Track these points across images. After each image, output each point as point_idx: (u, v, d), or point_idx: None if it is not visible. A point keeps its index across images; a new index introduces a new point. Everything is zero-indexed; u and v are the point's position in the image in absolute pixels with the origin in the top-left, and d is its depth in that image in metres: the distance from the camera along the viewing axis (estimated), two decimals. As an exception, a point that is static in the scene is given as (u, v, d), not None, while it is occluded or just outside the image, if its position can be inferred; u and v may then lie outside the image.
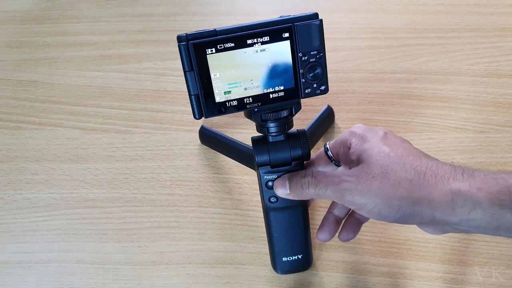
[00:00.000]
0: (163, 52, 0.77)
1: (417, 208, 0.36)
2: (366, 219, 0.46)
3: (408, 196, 0.37)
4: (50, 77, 0.75)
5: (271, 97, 0.42)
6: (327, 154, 0.45)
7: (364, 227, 0.56)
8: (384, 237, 0.56)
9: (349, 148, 0.42)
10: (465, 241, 0.54)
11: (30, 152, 0.67)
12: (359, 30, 0.77)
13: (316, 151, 0.62)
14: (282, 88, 0.42)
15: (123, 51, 0.78)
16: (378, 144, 0.40)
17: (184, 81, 0.41)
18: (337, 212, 0.47)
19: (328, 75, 0.43)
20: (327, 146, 0.45)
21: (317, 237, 0.47)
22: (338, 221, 0.47)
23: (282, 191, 0.43)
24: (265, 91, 0.42)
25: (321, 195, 0.40)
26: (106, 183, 0.63)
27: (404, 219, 0.37)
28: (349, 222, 0.46)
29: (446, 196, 0.36)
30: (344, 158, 0.44)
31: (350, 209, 0.46)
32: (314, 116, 0.62)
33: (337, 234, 0.47)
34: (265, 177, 0.45)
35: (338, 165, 0.45)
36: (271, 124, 0.44)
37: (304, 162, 0.46)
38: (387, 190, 0.37)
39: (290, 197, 0.43)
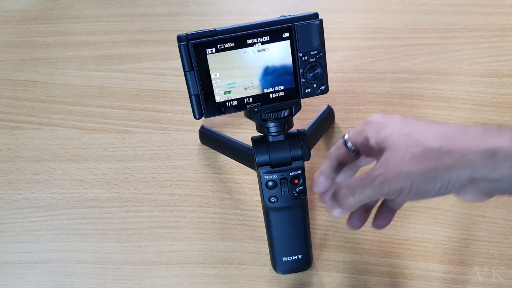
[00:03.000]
0: (163, 52, 0.77)
1: (453, 173, 0.35)
2: (399, 206, 0.45)
3: (440, 164, 0.35)
4: (50, 77, 0.75)
5: (271, 97, 0.42)
6: (346, 145, 0.44)
7: (364, 227, 0.56)
8: (384, 237, 0.56)
9: (368, 139, 0.41)
10: (465, 241, 0.54)
11: (30, 152, 0.67)
12: (359, 30, 0.76)
13: (316, 151, 0.62)
14: (282, 88, 0.42)
15: (123, 51, 0.78)
16: (397, 128, 0.39)
17: (184, 81, 0.41)
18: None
19: (328, 75, 0.43)
20: (346, 137, 0.44)
21: (348, 225, 0.45)
22: (367, 209, 0.45)
23: (337, 211, 0.42)
24: (265, 91, 0.42)
25: (363, 199, 0.39)
26: (106, 183, 0.63)
27: (443, 189, 0.36)
28: (382, 211, 0.45)
29: (483, 153, 0.34)
30: (364, 148, 0.42)
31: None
32: (314, 116, 0.62)
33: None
34: (265, 177, 0.45)
35: (358, 156, 0.44)
36: (271, 124, 0.44)
37: (309, 157, 0.45)
38: (417, 165, 0.36)
39: (345, 213, 0.42)
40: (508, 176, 0.34)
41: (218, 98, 0.42)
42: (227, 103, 0.42)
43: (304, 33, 0.41)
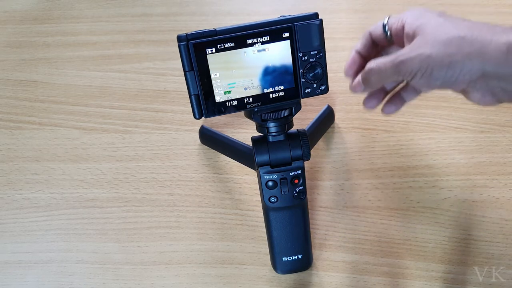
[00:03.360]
0: (163, 52, 0.77)
1: (467, 62, 0.36)
2: (411, 97, 0.46)
3: (458, 51, 0.36)
4: (50, 77, 0.75)
5: (271, 97, 0.42)
6: (383, 28, 0.44)
7: (364, 227, 0.56)
8: (384, 237, 0.56)
9: (404, 25, 0.42)
10: (465, 241, 0.54)
11: (30, 152, 0.67)
12: (359, 30, 0.76)
13: (316, 151, 0.62)
14: (282, 88, 0.42)
15: (123, 51, 0.78)
16: (434, 18, 0.40)
17: (184, 81, 0.41)
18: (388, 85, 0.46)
19: (328, 75, 0.43)
20: (385, 20, 0.44)
21: (364, 104, 0.46)
22: (385, 92, 0.46)
23: (359, 88, 0.42)
24: (265, 91, 0.42)
25: (385, 77, 0.40)
26: (106, 183, 0.63)
27: (454, 78, 0.37)
28: (394, 97, 0.46)
29: (500, 46, 0.35)
30: (397, 35, 0.43)
31: (398, 84, 0.46)
32: (314, 116, 0.62)
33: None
34: (265, 177, 0.45)
35: (391, 43, 0.44)
36: (271, 124, 0.44)
37: (309, 157, 0.45)
38: (437, 49, 0.37)
39: (368, 90, 0.43)
40: None
41: (218, 98, 0.42)
42: (227, 103, 0.42)
43: (304, 33, 0.41)
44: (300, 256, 0.51)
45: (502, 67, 0.35)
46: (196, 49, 0.40)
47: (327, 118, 0.64)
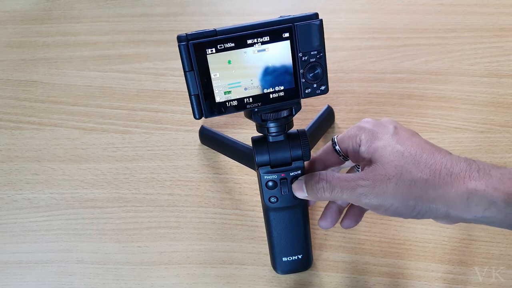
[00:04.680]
0: (163, 52, 0.77)
1: (433, 206, 0.37)
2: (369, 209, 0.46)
3: (424, 195, 0.37)
4: (50, 77, 0.75)
5: (271, 97, 0.42)
6: (334, 149, 0.45)
7: (364, 227, 0.56)
8: (384, 237, 0.56)
9: (359, 145, 0.42)
10: (465, 241, 0.54)
11: (30, 152, 0.67)
12: (359, 30, 0.76)
13: (316, 151, 0.62)
14: (282, 88, 0.42)
15: (123, 51, 0.78)
16: (390, 142, 0.40)
17: (184, 81, 0.41)
18: (340, 202, 0.47)
19: (328, 75, 0.43)
20: (335, 140, 0.45)
21: (319, 225, 0.47)
22: (340, 210, 0.47)
23: (300, 193, 0.44)
24: (265, 91, 0.42)
25: (337, 198, 0.41)
26: (106, 183, 0.63)
27: (419, 216, 0.38)
28: (351, 211, 0.46)
29: (461, 195, 0.36)
30: (353, 154, 0.44)
31: None
32: (314, 116, 0.62)
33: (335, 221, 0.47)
34: (265, 177, 0.45)
35: (346, 159, 0.45)
36: (271, 124, 0.44)
37: (309, 158, 0.46)
38: (402, 191, 0.38)
39: (309, 199, 0.45)
40: (481, 217, 0.36)
41: (218, 98, 0.42)
42: (227, 103, 0.42)
43: (304, 33, 0.41)
44: (300, 256, 0.51)
45: (465, 214, 0.36)
46: (196, 49, 0.39)
47: (327, 118, 0.64)
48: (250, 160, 0.58)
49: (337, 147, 0.44)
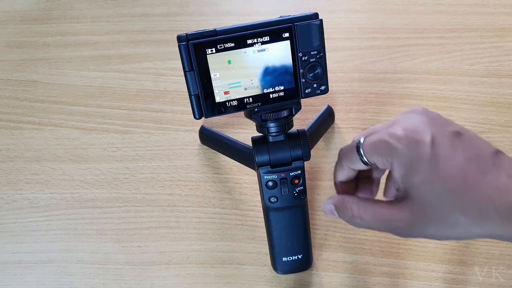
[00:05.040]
0: (163, 52, 0.77)
1: (473, 234, 0.34)
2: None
3: (465, 234, 0.34)
4: (50, 77, 0.75)
5: (271, 97, 0.42)
6: (361, 160, 0.38)
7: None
8: (384, 237, 0.55)
9: (391, 169, 0.36)
10: (465, 241, 0.54)
11: (30, 152, 0.67)
12: (359, 30, 0.76)
13: (316, 151, 0.62)
14: (282, 88, 0.42)
15: (123, 51, 0.78)
16: (428, 177, 0.33)
17: (184, 81, 0.41)
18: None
19: (328, 75, 0.43)
20: (362, 151, 0.37)
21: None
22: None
23: (332, 216, 0.41)
24: (265, 91, 0.42)
25: (370, 229, 0.38)
26: (106, 183, 0.63)
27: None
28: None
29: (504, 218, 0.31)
30: (383, 170, 0.40)
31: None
32: (314, 116, 0.62)
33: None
34: (265, 177, 0.45)
35: (369, 165, 0.40)
36: (271, 124, 0.44)
37: (309, 158, 0.45)
38: (442, 233, 0.34)
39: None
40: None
41: (218, 98, 0.42)
42: (227, 103, 0.42)
43: (304, 33, 0.41)
44: (300, 256, 0.51)
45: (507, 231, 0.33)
46: (196, 49, 0.39)
47: (327, 118, 0.64)
48: (250, 160, 0.58)
49: (364, 159, 0.37)
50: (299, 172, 0.45)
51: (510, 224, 0.31)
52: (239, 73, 0.41)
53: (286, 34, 0.40)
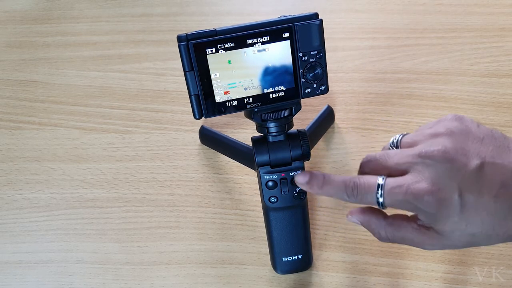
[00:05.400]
0: (163, 52, 0.77)
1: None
2: None
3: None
4: (50, 77, 0.75)
5: (271, 97, 0.42)
6: (378, 202, 0.36)
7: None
8: (384, 237, 0.55)
9: (415, 214, 0.36)
10: (465, 241, 0.54)
11: (30, 152, 0.67)
12: (359, 30, 0.76)
13: (316, 151, 0.62)
14: (282, 88, 0.42)
15: (123, 51, 0.78)
16: (458, 226, 0.34)
17: (184, 81, 0.41)
18: None
19: (328, 75, 0.43)
20: (381, 199, 0.36)
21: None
22: None
23: (354, 222, 0.41)
24: (265, 91, 0.42)
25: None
26: (106, 183, 0.63)
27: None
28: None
29: None
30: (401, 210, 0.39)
31: None
32: (314, 116, 0.62)
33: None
34: (265, 177, 0.45)
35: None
36: (271, 124, 0.44)
37: (309, 158, 0.45)
38: (472, 245, 0.36)
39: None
40: None
41: (218, 98, 0.42)
42: (227, 103, 0.42)
43: (304, 33, 0.41)
44: (300, 256, 0.51)
45: None
46: (196, 49, 0.39)
47: (327, 118, 0.64)
48: (250, 160, 0.58)
49: (381, 207, 0.37)
50: (299, 172, 0.45)
51: None
52: (239, 73, 0.41)
53: (286, 34, 0.40)
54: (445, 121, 0.38)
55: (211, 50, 0.40)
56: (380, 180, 0.36)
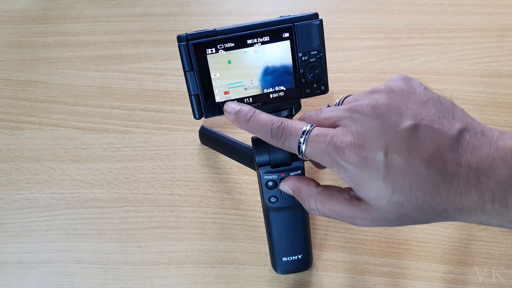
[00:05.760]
0: (163, 52, 0.77)
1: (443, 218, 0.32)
2: None
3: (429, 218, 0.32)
4: (50, 77, 0.75)
5: (271, 97, 0.42)
6: (299, 150, 0.36)
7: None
8: (384, 237, 0.56)
9: (340, 177, 0.34)
10: (465, 241, 0.54)
11: (30, 152, 0.67)
12: (359, 30, 0.76)
13: (316, 151, 0.62)
14: (282, 88, 0.42)
15: (123, 51, 0.78)
16: (383, 192, 0.31)
17: (184, 81, 0.41)
18: None
19: (328, 75, 0.43)
20: (303, 147, 0.35)
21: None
22: None
23: (285, 189, 0.41)
24: (265, 91, 0.42)
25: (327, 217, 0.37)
26: (106, 183, 0.63)
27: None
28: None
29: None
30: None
31: None
32: (314, 116, 0.62)
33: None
34: (265, 177, 0.45)
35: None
36: (271, 124, 0.44)
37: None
38: (406, 224, 0.33)
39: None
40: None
41: (218, 98, 0.42)
42: (227, 103, 0.42)
43: (304, 33, 0.41)
44: (300, 256, 0.51)
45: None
46: (196, 49, 0.40)
47: (327, 118, 0.64)
48: (250, 160, 0.58)
49: (303, 157, 0.36)
50: (299, 172, 0.45)
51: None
52: (239, 73, 0.41)
53: (286, 34, 0.40)
54: (391, 80, 0.36)
55: (211, 50, 0.40)
56: (307, 127, 0.35)
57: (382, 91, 0.35)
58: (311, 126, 0.35)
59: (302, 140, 0.35)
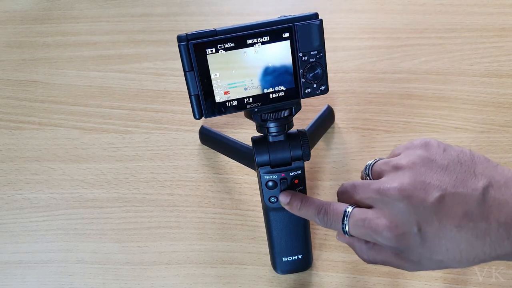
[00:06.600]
0: (163, 52, 0.77)
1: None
2: None
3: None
4: (50, 77, 0.75)
5: (271, 97, 0.42)
6: (344, 230, 0.40)
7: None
8: (384, 237, 0.55)
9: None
10: (465, 241, 0.54)
11: (30, 152, 0.67)
12: (359, 30, 0.76)
13: (316, 151, 0.62)
14: (282, 88, 0.42)
15: (123, 51, 0.78)
16: (421, 254, 0.36)
17: (184, 81, 0.41)
18: None
19: (328, 75, 0.43)
20: (347, 228, 0.39)
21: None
22: None
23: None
24: (265, 91, 0.42)
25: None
26: (106, 183, 0.63)
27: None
28: None
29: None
30: None
31: None
32: (314, 116, 0.62)
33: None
34: (265, 177, 0.45)
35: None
36: (271, 124, 0.44)
37: (309, 158, 0.45)
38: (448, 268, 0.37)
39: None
40: None
41: (218, 98, 0.42)
42: (227, 103, 0.42)
43: (304, 33, 0.41)
44: (300, 256, 0.51)
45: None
46: (196, 49, 0.39)
47: (327, 118, 0.64)
48: (250, 160, 0.58)
49: (347, 235, 0.40)
50: (299, 172, 0.45)
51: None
52: (239, 73, 0.41)
53: (286, 34, 0.40)
54: (411, 148, 0.38)
55: (211, 50, 0.40)
56: (347, 209, 0.39)
57: (406, 168, 0.36)
58: (350, 209, 0.39)
59: (344, 226, 0.39)
